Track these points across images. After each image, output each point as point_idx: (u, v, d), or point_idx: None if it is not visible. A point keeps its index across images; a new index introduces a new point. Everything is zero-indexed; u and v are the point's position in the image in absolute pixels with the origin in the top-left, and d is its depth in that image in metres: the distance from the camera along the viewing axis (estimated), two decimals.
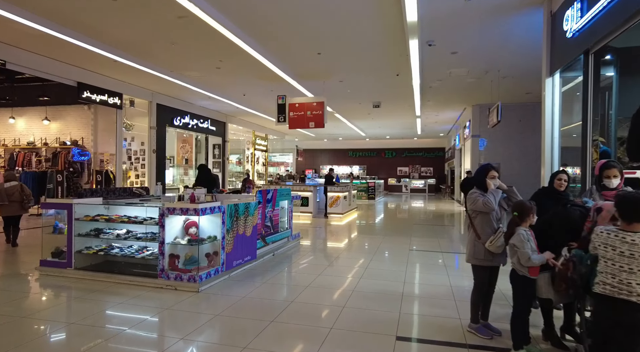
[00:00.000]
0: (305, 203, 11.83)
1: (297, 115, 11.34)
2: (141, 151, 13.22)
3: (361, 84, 11.46)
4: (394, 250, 7.16)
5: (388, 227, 10.29)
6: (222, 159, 17.26)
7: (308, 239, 8.33)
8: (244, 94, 13.07)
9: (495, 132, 14.42)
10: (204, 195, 5.77)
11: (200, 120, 15.46)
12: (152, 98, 12.95)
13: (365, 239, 8.33)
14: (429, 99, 13.67)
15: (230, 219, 5.09)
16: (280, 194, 6.77)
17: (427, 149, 28.05)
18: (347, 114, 16.55)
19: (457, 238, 8.88)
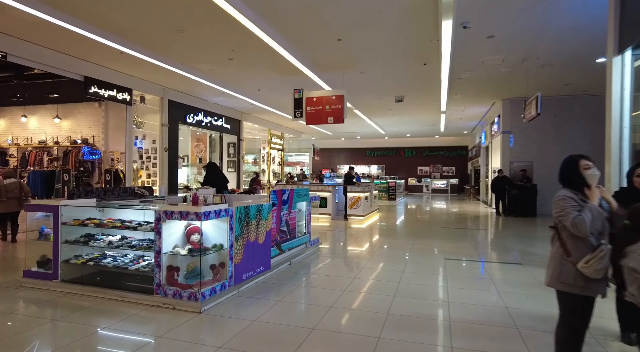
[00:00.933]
0: (323, 204, 11.02)
1: (315, 110, 10.54)
2: (153, 150, 12.65)
3: (384, 75, 10.57)
4: (426, 259, 6.27)
5: (414, 231, 9.38)
6: (237, 158, 16.59)
7: (328, 244, 7.51)
8: (259, 89, 12.34)
9: (527, 129, 13.33)
10: (212, 196, 5.01)
11: (214, 118, 14.83)
12: (163, 94, 12.36)
13: (391, 245, 7.45)
14: (456, 93, 12.67)
15: (240, 224, 4.31)
16: (298, 194, 5.97)
17: (448, 148, 26.86)
18: (367, 111, 15.66)
19: (495, 244, 7.91)
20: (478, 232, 9.47)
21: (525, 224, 11.03)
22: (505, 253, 6.81)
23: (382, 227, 10.06)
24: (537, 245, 7.54)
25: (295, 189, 5.89)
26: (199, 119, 14.02)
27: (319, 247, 6.89)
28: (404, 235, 8.86)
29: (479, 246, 7.65)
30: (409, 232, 9.32)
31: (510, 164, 13.60)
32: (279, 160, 21.77)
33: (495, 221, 11.67)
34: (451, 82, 10.86)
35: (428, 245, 7.53)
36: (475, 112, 16.29)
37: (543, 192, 12.83)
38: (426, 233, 9.09)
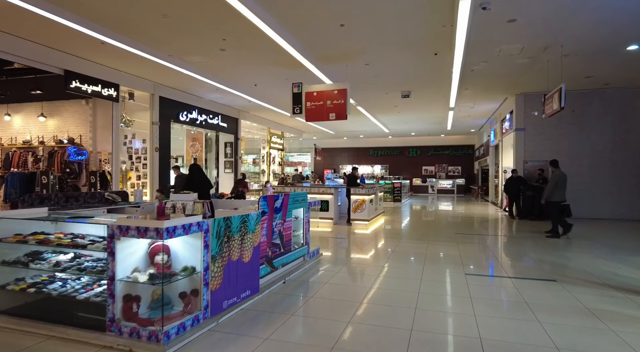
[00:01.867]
0: (325, 208, 10.14)
1: (315, 106, 9.66)
2: (143, 150, 11.82)
3: (390, 67, 9.68)
4: (444, 275, 5.38)
5: (425, 238, 8.48)
6: (235, 159, 15.74)
7: (330, 254, 6.63)
8: (256, 84, 11.48)
9: (542, 126, 12.43)
10: (193, 202, 4.15)
11: (209, 116, 13.98)
12: (154, 90, 11.52)
13: (401, 256, 6.55)
14: (467, 87, 11.76)
15: (219, 241, 3.44)
16: (294, 200, 5.09)
17: (454, 147, 25.93)
18: (371, 107, 14.77)
19: (517, 253, 6.99)
20: (495, 239, 8.56)
21: (543, 228, 10.09)
22: (532, 266, 5.90)
23: (389, 234, 9.16)
24: (566, 255, 6.62)
25: (291, 194, 5.01)
26: (193, 117, 13.18)
27: (320, 259, 6.01)
28: (413, 243, 7.96)
29: (500, 255, 6.74)
30: (419, 239, 8.42)
31: (524, 164, 12.68)
32: (279, 161, 20.91)
33: (510, 225, 10.75)
34: (463, 75, 9.96)
35: (443, 256, 6.63)
36: (485, 108, 15.37)
37: None
38: (438, 240, 8.19)
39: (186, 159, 15.12)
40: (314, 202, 5.87)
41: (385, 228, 9.84)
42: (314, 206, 5.82)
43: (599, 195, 12.01)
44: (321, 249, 6.53)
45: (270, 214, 4.45)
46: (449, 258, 6.39)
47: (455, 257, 6.44)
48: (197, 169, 7.10)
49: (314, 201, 5.85)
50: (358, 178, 10.85)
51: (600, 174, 12.04)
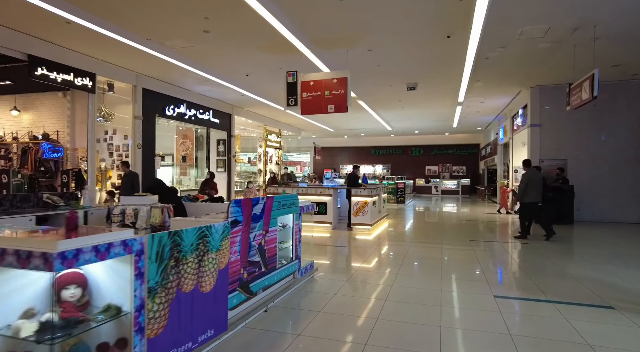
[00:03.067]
0: (322, 210, 9.06)
1: (312, 97, 8.58)
2: (124, 146, 10.75)
3: (396, 53, 8.59)
4: (468, 298, 4.29)
5: (437, 246, 7.38)
6: (228, 157, 14.66)
7: (327, 267, 5.55)
8: (247, 75, 10.40)
9: (560, 121, 11.34)
10: (149, 207, 3.11)
11: (199, 111, 12.90)
12: (136, 81, 10.44)
13: (412, 271, 5.47)
14: (478, 79, 10.67)
15: (161, 266, 2.36)
16: (281, 204, 4.01)
17: (459, 146, 24.83)
18: (373, 102, 13.68)
19: (551, 268, 5.87)
20: (515, 247, 7.47)
21: (569, 234, 9.01)
22: (573, 285, 4.81)
23: (395, 241, 8.07)
24: (613, 271, 5.49)
25: (277, 197, 3.93)
26: (181, 112, 12.10)
27: (314, 275, 4.93)
28: (424, 252, 6.86)
29: (527, 268, 5.65)
30: (430, 247, 7.33)
31: (540, 162, 11.57)
32: (276, 160, 19.82)
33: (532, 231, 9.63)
34: (476, 64, 8.87)
35: (462, 270, 5.54)
36: (495, 104, 14.27)
37: (580, 194, 10.81)
38: (452, 249, 7.10)
39: (176, 157, 14.04)
40: (308, 206, 4.79)
41: (390, 234, 8.75)
42: (307, 210, 4.73)
43: (622, 197, 10.90)
44: (316, 262, 5.45)
45: (246, 224, 3.37)
46: (469, 273, 5.30)
47: (475, 271, 5.35)
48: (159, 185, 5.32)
49: (307, 205, 4.76)
50: (359, 178, 9.78)
51: (624, 174, 10.93)
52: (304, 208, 4.65)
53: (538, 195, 7.79)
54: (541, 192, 7.86)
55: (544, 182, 10.79)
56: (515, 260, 6.21)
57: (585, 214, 10.98)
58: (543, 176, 11.09)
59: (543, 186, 10.23)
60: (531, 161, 8.49)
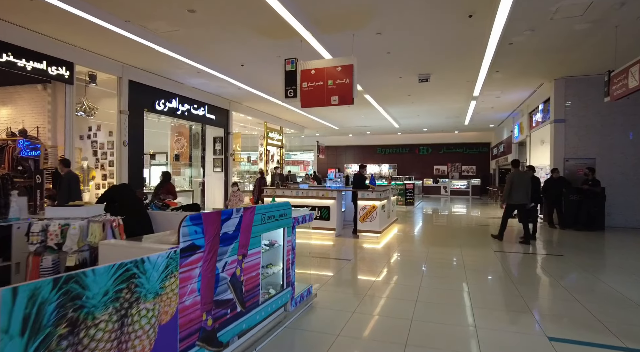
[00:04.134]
0: (325, 215, 8.03)
1: (313, 87, 7.56)
2: (109, 144, 9.80)
3: (409, 37, 7.53)
4: (513, 338, 3.25)
5: (459, 260, 6.33)
6: (225, 156, 13.68)
7: (329, 289, 4.53)
8: (242, 64, 9.39)
9: (587, 117, 10.25)
10: (84, 223, 2.09)
11: (193, 106, 11.93)
12: (122, 73, 9.48)
13: (435, 296, 4.42)
14: (498, 69, 9.59)
15: (34, 340, 1.35)
16: (266, 217, 2.98)
17: (468, 145, 23.69)
18: (381, 96, 12.62)
19: (608, 292, 4.80)
20: (551, 261, 6.38)
21: (602, 242, 7.90)
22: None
23: (409, 252, 7.02)
24: None
25: (259, 207, 2.90)
26: (173, 107, 11.12)
27: (313, 304, 3.91)
28: (446, 270, 5.81)
29: (578, 292, 4.56)
30: (451, 261, 6.28)
31: (564, 162, 10.47)
32: (278, 159, 18.82)
33: (556, 239, 8.56)
34: (498, 51, 7.80)
35: (495, 295, 4.49)
36: (512, 98, 13.15)
37: (612, 197, 9.70)
38: (478, 264, 6.04)
39: (170, 155, 13.08)
40: (305, 216, 3.76)
41: (401, 243, 7.69)
42: (303, 222, 3.71)
43: None
44: (317, 280, 4.44)
45: (211, 249, 2.35)
46: (504, 299, 4.25)
47: (514, 297, 4.29)
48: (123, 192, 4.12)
49: (303, 215, 3.73)
50: (367, 178, 8.75)
51: None
52: (300, 219, 3.62)
53: (523, 196, 7.41)
54: (528, 193, 7.48)
55: (567, 183, 9.75)
56: (555, 278, 5.14)
57: (617, 219, 9.86)
58: (566, 176, 10.06)
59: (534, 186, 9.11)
60: (519, 161, 8.20)
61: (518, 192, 7.42)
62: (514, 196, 7.46)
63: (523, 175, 7.66)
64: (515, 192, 7.43)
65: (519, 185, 7.43)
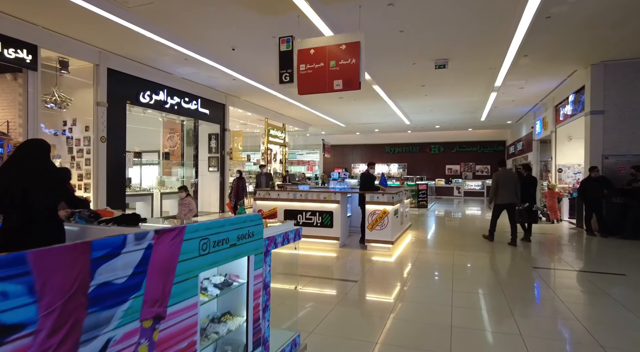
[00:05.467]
0: (327, 222, 6.77)
1: (313, 70, 6.32)
2: (86, 140, 8.67)
3: (427, 11, 6.23)
4: None
5: (496, 284, 5.04)
6: (221, 154, 12.51)
7: (328, 334, 3.27)
8: (233, 48, 8.19)
9: (629, 106, 8.84)
10: None
11: (184, 99, 10.76)
12: (99, 60, 8.33)
13: (469, 338, 3.15)
14: (526, 53, 8.25)
15: None
16: (210, 242, 1.75)
17: (483, 143, 22.25)
18: (391, 87, 11.32)
19: None
20: (620, 284, 5.04)
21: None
22: None
23: (429, 270, 5.73)
24: None
25: (204, 225, 1.69)
26: (160, 99, 9.97)
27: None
28: (481, 298, 4.52)
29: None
30: (486, 285, 4.98)
31: (603, 159, 9.07)
32: (281, 158, 17.62)
33: (606, 250, 7.20)
34: (533, 26, 6.48)
35: (554, 337, 3.20)
36: (537, 89, 11.75)
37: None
38: (520, 289, 4.73)
39: (162, 154, 11.94)
40: (286, 233, 2.50)
41: (419, 256, 6.39)
42: (284, 243, 2.46)
43: None
44: (312, 312, 3.20)
45: (59, 324, 1.11)
46: (569, 335, 2.97)
47: (576, 333, 3.00)
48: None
49: (284, 233, 2.48)
50: (377, 178, 7.49)
51: None
52: (279, 240, 2.38)
53: (510, 196, 7.15)
54: (516, 192, 7.19)
55: (609, 183, 8.40)
56: (624, 307, 3.82)
57: None
58: (600, 177, 8.60)
59: (608, 188, 7.95)
60: (505, 161, 8.01)
61: (504, 191, 7.18)
62: (499, 195, 7.25)
63: (508, 174, 7.38)
64: (501, 192, 7.21)
65: (504, 184, 7.18)
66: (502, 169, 7.52)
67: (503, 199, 7.22)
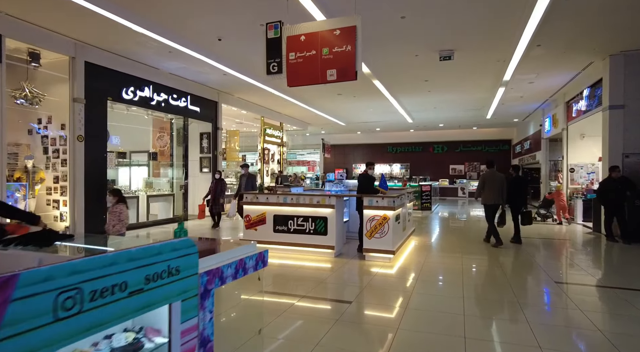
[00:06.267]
0: (320, 229, 6.05)
1: (303, 58, 5.61)
2: (62, 139, 7.98)
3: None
4: None
5: (511, 300, 4.31)
6: (213, 154, 11.82)
7: None
8: (220, 38, 7.49)
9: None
10: None
11: (172, 95, 10.08)
12: (74, 52, 7.65)
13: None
14: (540, 42, 7.50)
15: None
16: (84, 294, 1.05)
17: (487, 142, 21.49)
18: (392, 82, 10.59)
19: None
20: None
21: None
22: None
23: (435, 283, 5.00)
24: None
25: (52, 270, 1.01)
26: (145, 96, 9.29)
27: None
28: (503, 323, 3.79)
29: None
30: (508, 306, 4.25)
31: (623, 158, 8.31)
32: (278, 158, 16.92)
33: (629, 257, 6.45)
34: (550, 10, 5.76)
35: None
36: (547, 84, 10.98)
37: None
38: (547, 313, 4.01)
39: (157, 154, 11.24)
40: (240, 262, 1.79)
41: (424, 267, 5.65)
42: (237, 276, 1.75)
43: None
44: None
45: None
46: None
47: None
48: None
49: (238, 261, 1.77)
50: (376, 180, 6.77)
51: None
52: (224, 274, 1.67)
53: (495, 196, 7.05)
54: (502, 193, 7.04)
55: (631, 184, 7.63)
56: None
57: None
58: (622, 177, 7.84)
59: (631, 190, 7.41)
60: (493, 161, 7.58)
61: (488, 192, 7.09)
62: (484, 196, 7.18)
63: (494, 175, 7.18)
64: (486, 192, 7.13)
65: (489, 185, 7.08)
66: (489, 170, 7.34)
67: (487, 199, 7.14)
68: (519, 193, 7.38)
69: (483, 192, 7.22)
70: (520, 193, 7.42)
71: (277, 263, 5.79)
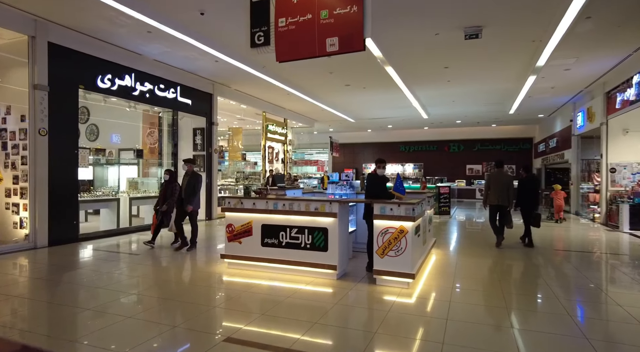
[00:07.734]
0: (319, 242, 4.73)
1: (296, 25, 4.32)
2: (22, 132, 6.84)
3: None
4: None
5: (572, 329, 2.93)
6: (207, 152, 10.61)
7: None
8: (202, 12, 6.23)
9: None
10: None
11: (158, 86, 8.89)
12: (34, 31, 6.48)
13: None
14: (591, 14, 6.07)
15: None
16: None
17: (507, 140, 19.95)
18: (408, 69, 9.20)
19: None
20: None
21: None
22: None
23: (474, 322, 3.64)
24: None
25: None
26: (126, 85, 8.11)
27: None
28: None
29: None
30: (559, 341, 2.87)
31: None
32: (282, 157, 15.66)
33: None
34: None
35: None
36: (586, 71, 9.46)
37: None
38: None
39: (145, 153, 10.06)
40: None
41: (453, 295, 4.30)
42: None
43: None
44: None
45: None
46: None
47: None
48: None
49: None
50: (388, 181, 5.43)
51: None
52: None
53: (500, 198, 6.88)
54: (508, 195, 6.87)
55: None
56: None
57: None
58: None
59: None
60: (502, 162, 7.39)
61: (494, 193, 6.94)
62: (490, 197, 7.04)
63: (500, 176, 7.03)
64: (491, 193, 7.00)
65: (494, 186, 6.95)
66: (496, 170, 7.17)
67: (492, 200, 6.99)
68: (529, 195, 7.10)
69: (489, 194, 7.07)
70: (531, 195, 7.13)
71: (265, 285, 4.52)
